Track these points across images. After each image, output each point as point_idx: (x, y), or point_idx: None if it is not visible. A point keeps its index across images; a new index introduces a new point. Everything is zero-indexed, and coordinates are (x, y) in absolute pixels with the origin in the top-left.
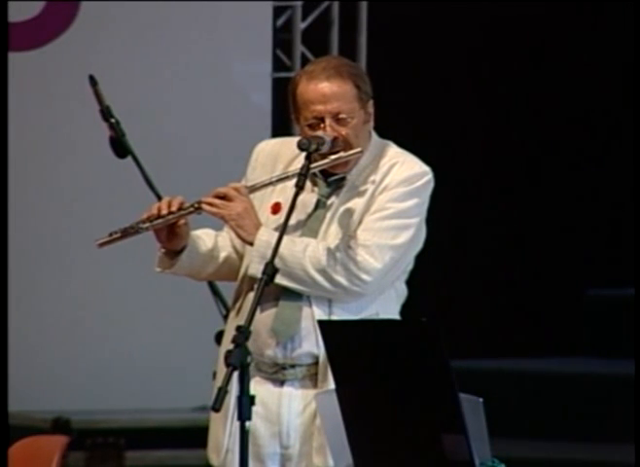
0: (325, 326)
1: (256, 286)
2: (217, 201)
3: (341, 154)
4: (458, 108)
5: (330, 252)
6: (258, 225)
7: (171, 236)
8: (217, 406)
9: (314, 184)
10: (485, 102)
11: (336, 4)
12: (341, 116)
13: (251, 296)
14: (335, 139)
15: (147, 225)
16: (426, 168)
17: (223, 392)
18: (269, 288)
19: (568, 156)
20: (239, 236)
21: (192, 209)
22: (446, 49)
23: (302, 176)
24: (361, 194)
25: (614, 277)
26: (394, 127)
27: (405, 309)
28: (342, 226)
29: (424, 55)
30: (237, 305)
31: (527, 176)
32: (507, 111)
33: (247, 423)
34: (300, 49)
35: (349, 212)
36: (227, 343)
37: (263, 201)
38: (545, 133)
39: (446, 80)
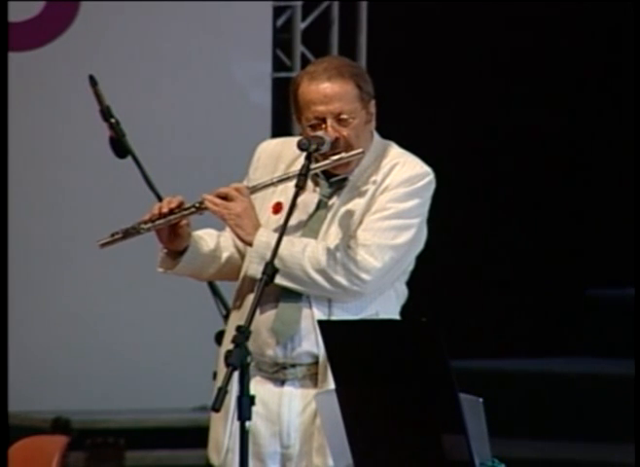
0: (325, 326)
1: (256, 286)
2: (218, 201)
3: (343, 155)
4: (459, 108)
5: (329, 252)
6: (257, 225)
7: (173, 237)
8: (217, 406)
9: (316, 184)
10: (487, 102)
11: (336, 4)
12: (343, 116)
13: (251, 296)
14: (336, 140)
15: (148, 225)
16: (427, 169)
17: (223, 392)
18: (269, 288)
19: (568, 156)
20: (238, 237)
21: (193, 209)
22: (447, 48)
23: (303, 176)
24: (362, 194)
25: (614, 277)
26: (394, 128)
27: (405, 309)
28: (343, 226)
29: (424, 55)
30: (238, 303)
31: (527, 176)
32: (509, 111)
33: (247, 423)
34: (300, 49)
35: (350, 212)
36: (227, 343)
37: (264, 201)
38: (545, 133)
39: (447, 80)
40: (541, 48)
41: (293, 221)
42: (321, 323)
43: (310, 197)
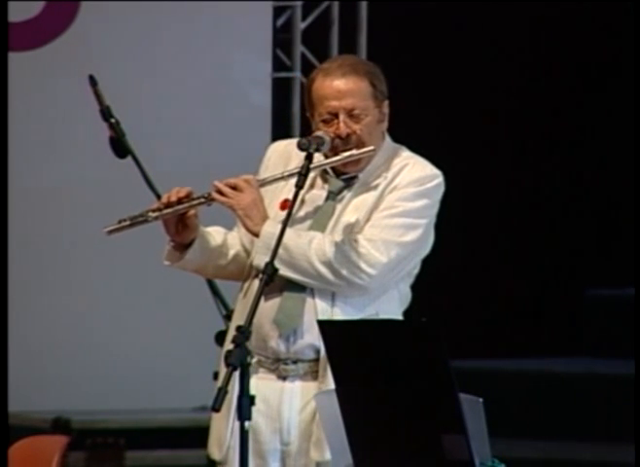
0: (325, 326)
1: (257, 284)
2: (227, 190)
3: (354, 151)
4: (459, 109)
5: (336, 245)
6: (265, 217)
7: (181, 228)
8: (217, 406)
9: (325, 181)
10: (487, 102)
11: (336, 4)
12: (355, 112)
13: (257, 281)
14: (347, 136)
15: (156, 214)
16: (437, 171)
17: (223, 392)
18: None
19: (568, 156)
20: (246, 226)
21: (202, 199)
22: (447, 49)
23: (303, 176)
24: (371, 190)
25: (614, 277)
26: (394, 128)
27: (406, 310)
28: (350, 221)
29: (424, 56)
30: (246, 285)
31: (527, 177)
32: (508, 112)
33: (247, 423)
34: (300, 49)
35: (358, 208)
36: (235, 324)
37: (273, 198)
38: (545, 134)
39: (447, 80)
40: (541, 48)
41: (300, 214)
42: (321, 323)
43: (319, 194)
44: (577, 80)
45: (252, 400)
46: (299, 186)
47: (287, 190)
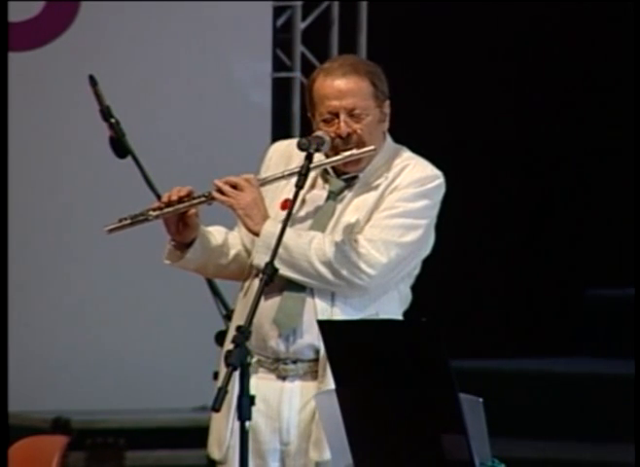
0: (325, 326)
1: (257, 285)
2: (228, 189)
3: (354, 151)
4: (459, 109)
5: (336, 245)
6: (266, 216)
7: (181, 227)
8: (217, 406)
9: (325, 181)
10: (487, 102)
11: (336, 4)
12: (356, 112)
13: (257, 281)
14: (348, 135)
15: (157, 213)
16: (438, 172)
17: (223, 392)
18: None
19: (568, 156)
20: (246, 226)
21: (202, 198)
22: (447, 49)
23: (303, 176)
24: (372, 191)
25: (614, 277)
26: (393, 127)
27: (405, 309)
28: (351, 221)
29: (424, 56)
30: (246, 284)
31: (527, 177)
32: (509, 112)
33: (247, 423)
34: (300, 49)
35: (359, 208)
36: (235, 324)
37: (274, 198)
38: (546, 134)
39: (447, 80)
40: (542, 48)
41: (301, 214)
42: (321, 323)
43: (319, 194)
44: (579, 80)
45: (252, 400)
46: (299, 186)
47: (288, 190)
